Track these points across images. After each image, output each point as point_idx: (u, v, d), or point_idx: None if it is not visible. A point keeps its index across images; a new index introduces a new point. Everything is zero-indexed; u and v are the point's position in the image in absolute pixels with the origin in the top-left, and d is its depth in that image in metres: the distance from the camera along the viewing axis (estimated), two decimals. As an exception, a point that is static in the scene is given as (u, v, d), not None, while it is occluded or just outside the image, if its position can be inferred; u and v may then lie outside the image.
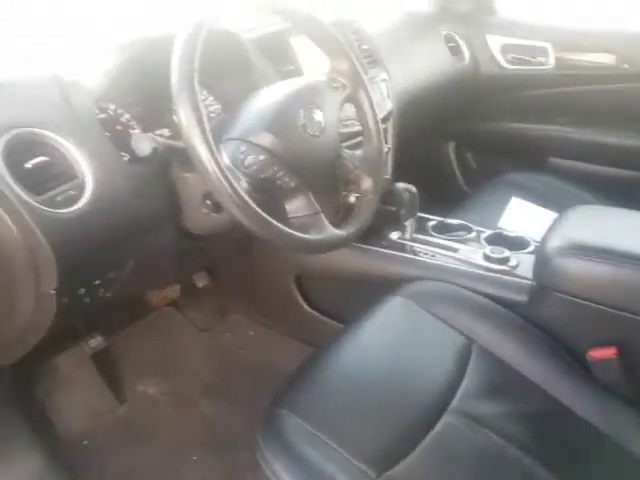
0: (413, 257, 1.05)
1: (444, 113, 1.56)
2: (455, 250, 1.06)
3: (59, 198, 0.68)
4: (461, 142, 1.73)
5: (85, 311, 0.88)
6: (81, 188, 0.71)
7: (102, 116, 0.82)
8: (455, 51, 1.50)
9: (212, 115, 0.98)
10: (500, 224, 1.27)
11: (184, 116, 0.63)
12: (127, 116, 0.86)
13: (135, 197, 0.76)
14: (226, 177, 0.64)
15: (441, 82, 1.44)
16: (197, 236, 0.88)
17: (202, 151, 0.63)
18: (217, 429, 1.15)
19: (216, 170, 0.63)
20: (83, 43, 0.83)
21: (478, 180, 1.54)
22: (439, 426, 0.74)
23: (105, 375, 1.21)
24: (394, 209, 1.07)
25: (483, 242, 1.08)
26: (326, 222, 0.75)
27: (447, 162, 1.74)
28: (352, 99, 0.84)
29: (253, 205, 0.66)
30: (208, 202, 0.77)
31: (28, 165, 0.68)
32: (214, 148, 0.64)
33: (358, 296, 1.10)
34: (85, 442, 1.12)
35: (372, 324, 0.90)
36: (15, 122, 0.69)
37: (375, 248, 1.08)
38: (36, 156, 0.69)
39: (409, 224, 1.08)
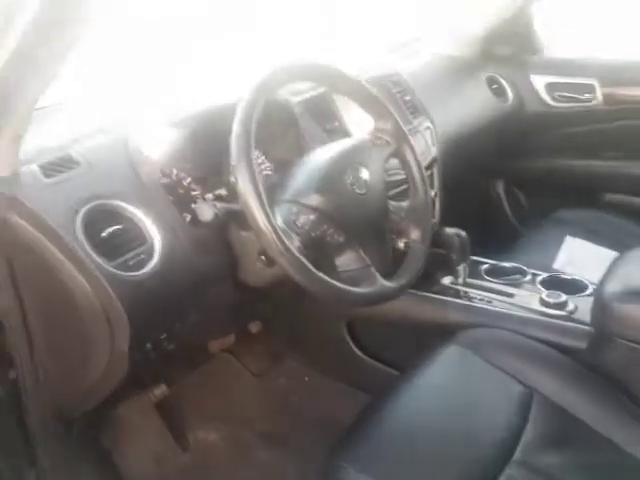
0: (468, 303, 1.05)
1: (491, 152, 1.57)
2: (511, 295, 1.05)
3: (131, 262, 0.75)
4: (510, 180, 1.73)
5: (151, 363, 0.93)
6: (150, 252, 0.77)
7: (165, 181, 0.88)
8: (498, 92, 1.52)
9: (266, 172, 1.04)
10: (555, 265, 1.25)
11: (242, 183, 0.68)
12: (188, 180, 0.92)
13: (197, 255, 0.82)
14: (279, 237, 0.68)
15: (486, 123, 1.46)
16: (253, 288, 0.93)
17: (258, 215, 0.68)
18: (273, 477, 1.16)
19: (270, 231, 0.68)
20: (148, 116, 0.91)
21: (529, 218, 1.53)
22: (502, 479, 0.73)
23: (167, 423, 1.25)
24: (444, 252, 1.08)
25: (539, 286, 1.07)
26: (377, 275, 0.78)
27: (497, 201, 1.73)
28: (397, 154, 0.88)
29: (305, 262, 0.69)
30: (263, 257, 0.82)
31: (104, 234, 0.75)
32: (269, 211, 0.68)
33: (412, 342, 1.10)
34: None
35: (429, 374, 0.90)
36: (92, 195, 0.77)
37: (428, 294, 1.09)
38: (110, 225, 0.76)
39: (461, 269, 1.08)
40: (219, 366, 1.40)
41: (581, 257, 1.28)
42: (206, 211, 0.76)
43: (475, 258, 1.15)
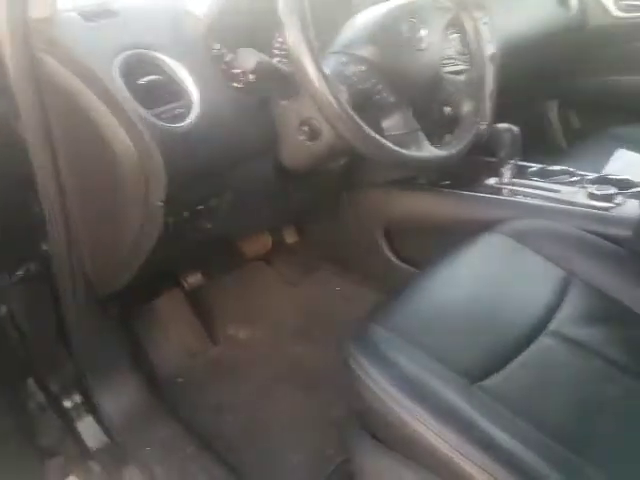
0: (511, 199, 1.00)
1: (546, 67, 1.48)
2: (556, 191, 1.00)
3: (169, 114, 0.73)
4: (564, 99, 1.63)
5: (187, 241, 0.93)
6: (188, 107, 0.75)
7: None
8: (562, 1, 1.41)
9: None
10: (605, 171, 1.18)
11: (293, 31, 0.65)
12: (230, 56, 0.90)
13: (237, 123, 0.80)
14: (330, 87, 0.65)
15: (545, 33, 1.37)
16: (290, 174, 0.91)
17: (307, 61, 0.65)
18: (304, 368, 1.17)
19: (320, 79, 0.65)
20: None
21: (578, 134, 1.44)
22: (535, 346, 0.71)
23: (199, 316, 1.27)
24: (494, 160, 1.04)
25: (587, 184, 1.02)
26: (426, 140, 0.75)
27: (548, 121, 1.64)
28: (456, 22, 0.82)
29: (352, 113, 0.66)
30: (305, 128, 0.79)
31: (142, 81, 0.73)
32: (319, 60, 0.65)
33: (451, 243, 1.08)
34: (180, 379, 1.18)
35: (470, 255, 0.88)
36: (133, 43, 0.75)
37: (470, 192, 1.05)
38: (149, 75, 0.74)
39: (508, 169, 1.03)
40: (254, 273, 1.40)
41: (631, 166, 1.21)
42: (250, 57, 0.73)
43: (522, 163, 1.09)
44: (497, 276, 0.83)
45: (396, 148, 0.70)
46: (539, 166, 1.10)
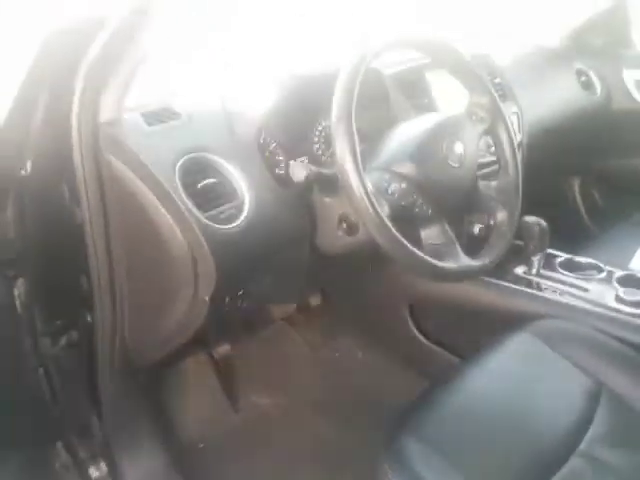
0: (539, 294, 1.02)
1: (571, 148, 1.52)
2: (585, 290, 1.02)
3: (222, 216, 0.78)
4: (587, 179, 1.67)
5: (223, 319, 0.96)
6: (240, 207, 0.80)
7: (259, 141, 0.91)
8: (586, 85, 1.46)
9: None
10: (632, 265, 1.19)
11: (340, 144, 0.69)
12: (274, 144, 0.94)
13: (282, 216, 0.84)
14: (371, 202, 0.69)
15: (571, 116, 1.42)
16: (325, 254, 0.94)
17: (353, 177, 0.69)
18: (328, 447, 1.17)
19: (363, 195, 0.69)
20: (248, 77, 0.93)
21: (605, 219, 1.47)
22: (566, 469, 0.71)
23: (222, 382, 1.29)
24: (522, 243, 1.06)
25: (615, 283, 1.03)
26: (461, 252, 0.77)
27: (572, 199, 1.68)
28: (490, 132, 0.86)
29: (393, 229, 0.70)
30: (344, 225, 0.83)
31: (199, 186, 0.78)
32: (364, 175, 0.69)
33: (476, 329, 1.09)
34: (201, 445, 1.19)
35: (497, 359, 0.89)
36: (191, 147, 0.80)
37: (499, 282, 1.07)
38: (206, 178, 0.79)
39: (536, 260, 1.06)
40: (277, 335, 1.43)
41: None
42: (300, 171, 0.77)
43: (550, 251, 1.12)
44: (526, 383, 0.84)
45: (433, 261, 0.73)
46: (567, 256, 1.12)
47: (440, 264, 0.74)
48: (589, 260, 1.10)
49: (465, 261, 0.77)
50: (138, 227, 0.77)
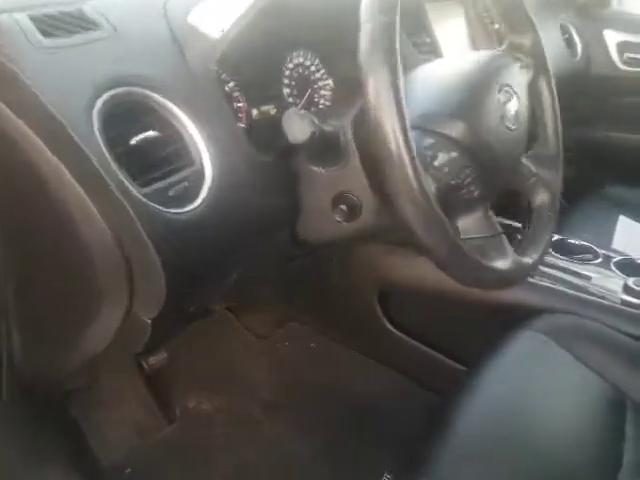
0: (541, 283, 0.89)
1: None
2: (587, 278, 0.90)
3: (171, 192, 0.51)
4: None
5: (165, 329, 0.71)
6: (198, 179, 0.54)
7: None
8: (569, 44, 1.33)
9: (324, 93, 0.81)
10: (615, 245, 1.11)
11: (375, 84, 0.46)
12: (231, 84, 0.68)
13: (255, 193, 0.60)
14: (418, 176, 0.47)
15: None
16: (307, 245, 0.72)
17: (395, 138, 0.46)
18: (284, 453, 0.99)
19: (407, 163, 0.46)
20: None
21: (574, 192, 1.38)
22: None
23: (151, 389, 1.05)
24: (514, 223, 0.91)
25: (614, 269, 0.93)
26: (509, 247, 0.59)
27: None
28: (531, 85, 0.67)
29: (445, 219, 0.49)
30: (342, 207, 0.61)
31: (133, 141, 0.50)
32: (409, 132, 0.47)
33: (458, 322, 0.96)
34: (128, 470, 0.96)
35: (506, 366, 0.74)
36: (117, 78, 0.51)
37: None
38: (142, 130, 0.52)
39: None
40: (217, 325, 1.19)
41: (637, 240, 1.15)
42: (303, 127, 0.52)
43: None
44: (547, 398, 0.71)
45: (483, 262, 0.54)
46: (558, 237, 1.00)
47: (489, 264, 0.55)
48: (582, 242, 0.99)
49: (515, 258, 0.59)
50: (28, 209, 0.50)
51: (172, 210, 0.51)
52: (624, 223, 1.20)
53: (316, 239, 0.68)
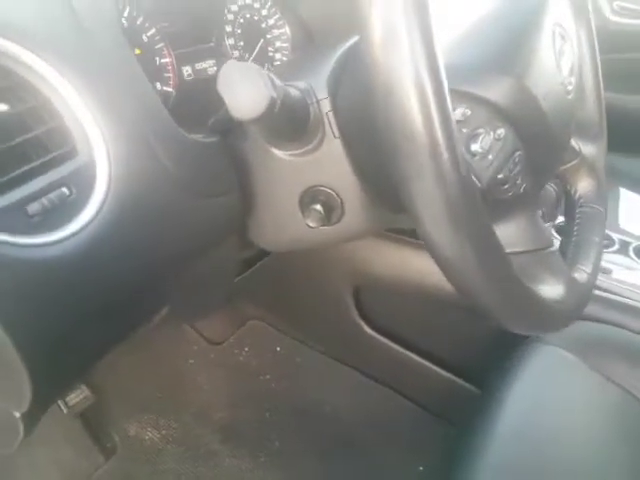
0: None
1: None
2: (608, 272, 0.75)
3: (33, 207, 0.30)
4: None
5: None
6: (84, 181, 0.33)
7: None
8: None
9: (280, 45, 0.61)
10: (621, 223, 0.98)
11: (387, 11, 0.26)
12: (152, 32, 0.49)
13: (183, 194, 0.39)
14: (459, 169, 0.28)
15: None
16: (262, 251, 0.53)
17: (426, 96, 0.26)
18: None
19: (444, 150, 0.27)
20: None
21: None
22: None
23: (81, 418, 0.84)
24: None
25: (633, 256, 0.79)
26: (563, 263, 0.42)
27: None
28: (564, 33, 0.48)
29: (495, 234, 0.31)
30: (316, 206, 0.42)
31: None
32: (451, 111, 0.27)
33: (446, 319, 0.81)
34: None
35: (525, 386, 0.61)
36: None
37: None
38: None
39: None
40: (161, 332, 0.98)
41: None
42: (259, 90, 0.31)
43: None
44: (573, 419, 0.58)
45: (540, 292, 0.36)
46: (561, 219, 0.85)
47: (543, 295, 0.37)
48: None
49: (571, 278, 0.42)
50: None
51: (41, 240, 0.30)
52: (626, 197, 1.06)
53: (277, 248, 0.49)
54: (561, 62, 0.40)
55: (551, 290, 0.39)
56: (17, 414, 0.31)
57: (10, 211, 0.29)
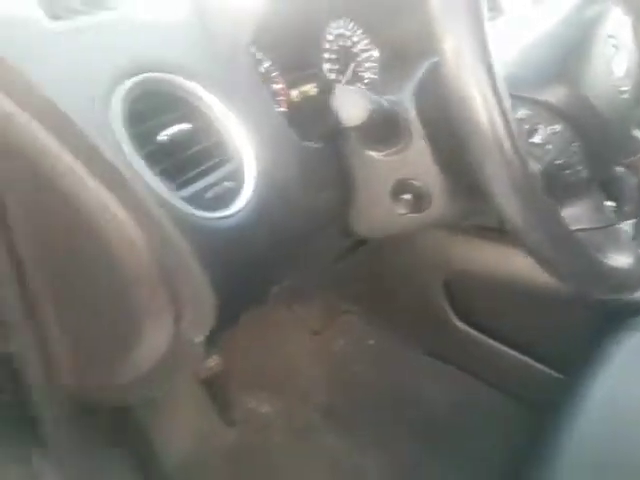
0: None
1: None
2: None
3: (208, 194, 0.44)
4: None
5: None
6: (239, 177, 0.46)
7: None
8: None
9: (369, 65, 0.72)
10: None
11: (456, 37, 0.36)
12: (267, 64, 0.60)
13: (303, 187, 0.51)
14: (520, 153, 0.37)
15: None
16: (359, 240, 0.64)
17: (487, 99, 0.36)
18: (345, 468, 0.92)
19: (505, 137, 0.36)
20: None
21: None
22: None
23: (208, 393, 1.00)
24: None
25: None
26: (630, 238, 0.49)
27: None
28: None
29: (553, 205, 0.40)
30: (406, 196, 0.52)
31: (161, 137, 0.43)
32: (508, 108, 0.37)
33: (539, 312, 0.84)
34: (191, 475, 0.92)
35: (614, 376, 0.64)
36: (141, 63, 0.44)
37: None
38: (173, 122, 0.44)
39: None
40: (269, 319, 1.12)
41: None
42: (359, 105, 0.43)
43: None
44: None
45: (608, 261, 0.43)
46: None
47: (608, 262, 0.44)
48: None
49: (636, 253, 0.48)
50: (59, 223, 0.44)
51: (214, 215, 0.44)
52: None
53: (373, 234, 0.60)
54: (613, 67, 0.47)
55: (619, 259, 0.46)
56: (198, 340, 0.45)
57: (196, 197, 0.43)
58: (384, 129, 0.49)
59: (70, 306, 0.51)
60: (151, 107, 0.45)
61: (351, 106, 0.43)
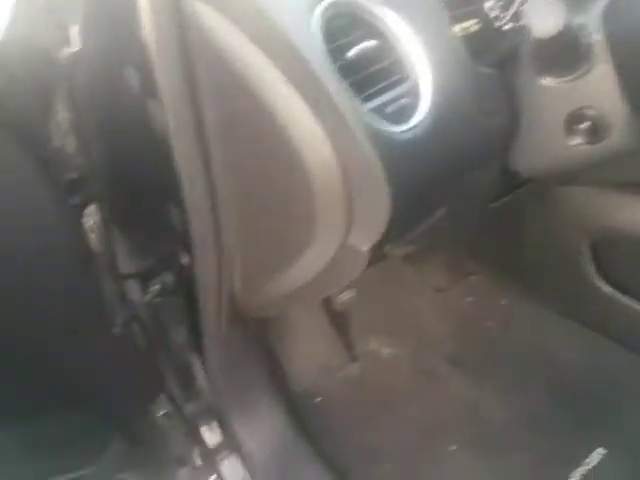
0: None
1: None
2: None
3: (388, 109, 0.47)
4: None
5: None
6: (415, 95, 0.49)
7: None
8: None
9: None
10: None
11: None
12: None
13: (476, 112, 0.52)
14: None
15: None
16: (514, 179, 0.63)
17: None
18: (474, 417, 0.93)
19: None
20: None
21: None
22: None
23: (336, 327, 1.06)
24: None
25: None
26: None
27: None
28: None
29: None
30: (580, 126, 0.51)
31: (351, 53, 0.47)
32: None
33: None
34: (318, 399, 1.00)
35: None
36: None
37: None
38: (361, 39, 0.48)
39: None
40: (392, 274, 1.14)
41: None
42: (552, 13, 0.44)
43: None
44: None
45: None
46: None
47: None
48: None
49: None
50: (250, 127, 0.49)
51: (395, 128, 0.47)
52: None
53: (536, 171, 0.59)
54: None
55: None
56: (365, 248, 0.48)
57: (380, 109, 0.46)
58: (566, 52, 0.48)
59: (251, 212, 0.57)
60: (341, 26, 0.48)
61: (547, 14, 0.43)
